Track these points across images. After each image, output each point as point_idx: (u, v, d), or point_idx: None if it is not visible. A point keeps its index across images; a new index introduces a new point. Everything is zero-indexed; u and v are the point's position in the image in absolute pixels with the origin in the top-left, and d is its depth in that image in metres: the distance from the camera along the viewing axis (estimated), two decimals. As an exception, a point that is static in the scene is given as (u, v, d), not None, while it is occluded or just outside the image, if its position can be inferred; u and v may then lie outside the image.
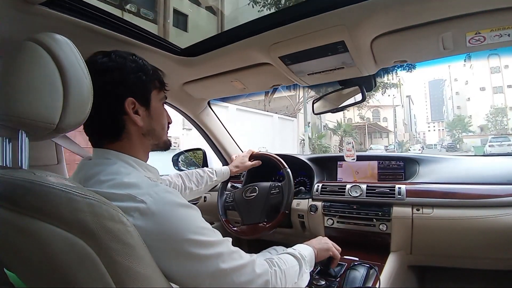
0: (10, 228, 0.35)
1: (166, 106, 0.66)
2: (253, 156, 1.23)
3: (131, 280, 0.37)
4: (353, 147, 1.24)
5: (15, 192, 0.35)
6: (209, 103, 1.37)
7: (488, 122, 32.20)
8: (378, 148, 21.86)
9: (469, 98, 39.34)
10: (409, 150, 27.63)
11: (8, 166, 0.45)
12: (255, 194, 1.11)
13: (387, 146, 25.77)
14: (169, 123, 0.63)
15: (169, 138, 0.63)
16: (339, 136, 18.10)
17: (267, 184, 1.13)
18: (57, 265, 0.34)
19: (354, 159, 1.22)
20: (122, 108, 0.51)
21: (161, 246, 0.42)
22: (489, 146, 16.05)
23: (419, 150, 28.04)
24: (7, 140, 0.45)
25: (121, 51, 0.55)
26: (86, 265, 0.35)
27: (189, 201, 0.48)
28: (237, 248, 0.50)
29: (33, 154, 0.48)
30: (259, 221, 1.05)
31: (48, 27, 0.59)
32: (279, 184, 1.11)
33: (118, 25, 0.72)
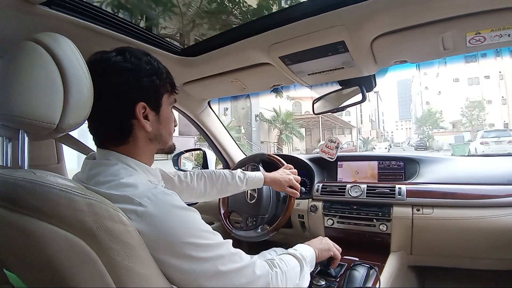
0: (10, 228, 0.35)
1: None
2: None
3: (131, 280, 0.37)
4: (336, 147, 1.19)
5: (15, 192, 0.35)
6: (209, 103, 1.37)
7: (463, 116, 28.78)
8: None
9: (439, 92, 35.20)
10: (374, 148, 24.01)
11: (8, 165, 0.45)
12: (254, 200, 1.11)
13: (342, 144, 21.18)
14: (174, 126, 0.62)
15: (173, 143, 0.62)
16: (279, 130, 14.21)
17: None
18: (57, 265, 0.34)
19: (331, 158, 1.21)
20: (132, 112, 0.49)
21: (160, 249, 0.41)
22: (481, 143, 11.66)
23: (386, 148, 23.91)
24: (8, 140, 0.45)
25: (136, 50, 0.52)
26: (86, 265, 0.35)
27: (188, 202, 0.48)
28: (238, 250, 0.49)
29: (33, 153, 0.47)
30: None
31: (48, 27, 0.59)
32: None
33: (118, 25, 0.72)
